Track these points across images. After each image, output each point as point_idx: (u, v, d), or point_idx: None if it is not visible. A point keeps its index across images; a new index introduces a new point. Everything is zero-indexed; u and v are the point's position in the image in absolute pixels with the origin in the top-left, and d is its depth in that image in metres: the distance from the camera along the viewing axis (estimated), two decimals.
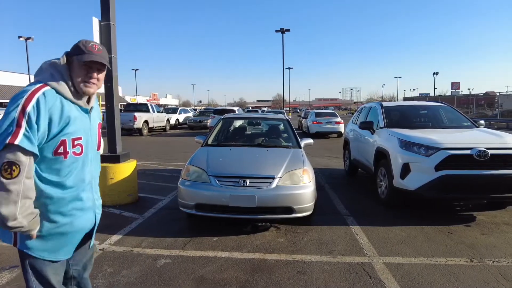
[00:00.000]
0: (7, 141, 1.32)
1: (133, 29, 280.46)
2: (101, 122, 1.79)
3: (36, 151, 1.40)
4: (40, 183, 1.49)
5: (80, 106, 1.58)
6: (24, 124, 1.36)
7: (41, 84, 1.47)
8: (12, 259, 3.32)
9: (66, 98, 1.51)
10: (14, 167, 1.35)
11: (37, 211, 1.46)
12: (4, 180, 1.33)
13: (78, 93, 1.56)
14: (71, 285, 1.78)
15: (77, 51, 1.54)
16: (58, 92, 1.49)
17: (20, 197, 1.38)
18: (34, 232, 1.48)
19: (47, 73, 1.51)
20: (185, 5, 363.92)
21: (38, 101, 1.40)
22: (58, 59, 1.56)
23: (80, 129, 1.56)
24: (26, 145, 1.36)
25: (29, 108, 1.38)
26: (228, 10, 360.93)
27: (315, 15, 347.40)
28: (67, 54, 1.57)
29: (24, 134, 1.35)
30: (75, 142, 1.54)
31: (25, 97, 1.40)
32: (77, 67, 1.53)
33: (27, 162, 1.38)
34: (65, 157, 1.51)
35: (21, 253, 1.55)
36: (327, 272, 3.11)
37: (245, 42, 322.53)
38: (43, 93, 1.43)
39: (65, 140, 1.49)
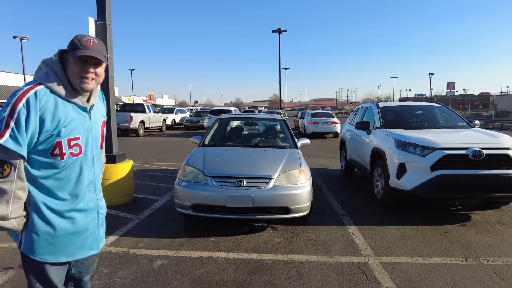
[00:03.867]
0: None
1: (129, 29, 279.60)
2: (105, 120, 1.76)
3: (22, 152, 1.38)
4: (38, 187, 1.48)
5: (77, 105, 1.54)
6: (12, 124, 1.35)
7: (34, 84, 1.45)
8: (6, 260, 3.30)
9: (61, 97, 1.48)
10: (5, 166, 1.35)
11: (24, 213, 1.46)
12: None
13: (75, 91, 1.52)
14: (70, 285, 1.76)
15: (72, 46, 1.49)
16: (52, 91, 1.46)
17: (12, 197, 1.37)
18: (19, 232, 1.48)
19: (42, 72, 1.49)
20: (182, 6, 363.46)
21: (28, 101, 1.39)
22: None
23: (78, 129, 1.52)
24: (11, 145, 1.34)
25: (19, 108, 1.37)
26: (225, 12, 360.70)
27: (312, 17, 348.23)
28: (63, 51, 1.54)
29: (10, 135, 1.34)
30: (72, 143, 1.50)
31: (17, 96, 1.39)
32: (72, 63, 1.49)
33: (17, 163, 1.38)
34: (62, 158, 1.49)
35: (23, 254, 1.53)
36: (324, 272, 3.12)
37: (242, 42, 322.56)
38: (34, 93, 1.41)
39: (60, 141, 1.46)
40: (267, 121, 6.84)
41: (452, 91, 73.35)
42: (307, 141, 5.54)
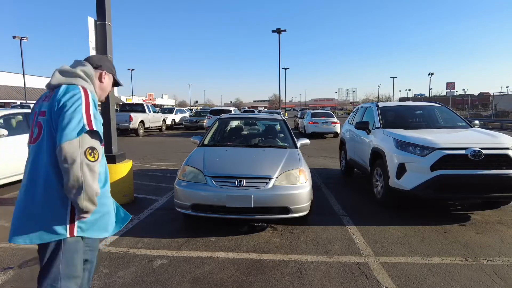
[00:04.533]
0: (87, 128, 1.57)
1: (129, 29, 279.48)
2: None
3: (102, 138, 1.71)
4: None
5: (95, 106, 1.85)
6: (92, 115, 1.63)
7: (84, 87, 1.72)
8: (6, 260, 3.30)
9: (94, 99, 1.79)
10: (95, 151, 1.61)
11: None
12: (90, 162, 1.57)
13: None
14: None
15: (112, 69, 1.97)
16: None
17: (98, 178, 1.64)
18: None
19: (84, 78, 1.77)
20: (182, 5, 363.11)
21: (93, 99, 1.70)
22: (85, 64, 1.81)
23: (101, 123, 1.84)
24: (101, 130, 1.67)
25: (91, 104, 1.66)
26: (225, 12, 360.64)
27: (312, 17, 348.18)
28: (97, 66, 1.88)
29: (95, 123, 1.63)
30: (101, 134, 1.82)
31: (83, 95, 1.65)
32: (108, 80, 1.95)
33: (102, 147, 1.71)
34: (103, 145, 1.80)
35: (59, 242, 1.66)
36: (323, 272, 3.12)
37: (242, 42, 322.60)
38: (90, 92, 1.72)
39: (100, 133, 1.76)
40: (266, 121, 6.83)
41: (451, 91, 73.42)
42: (307, 141, 5.54)
